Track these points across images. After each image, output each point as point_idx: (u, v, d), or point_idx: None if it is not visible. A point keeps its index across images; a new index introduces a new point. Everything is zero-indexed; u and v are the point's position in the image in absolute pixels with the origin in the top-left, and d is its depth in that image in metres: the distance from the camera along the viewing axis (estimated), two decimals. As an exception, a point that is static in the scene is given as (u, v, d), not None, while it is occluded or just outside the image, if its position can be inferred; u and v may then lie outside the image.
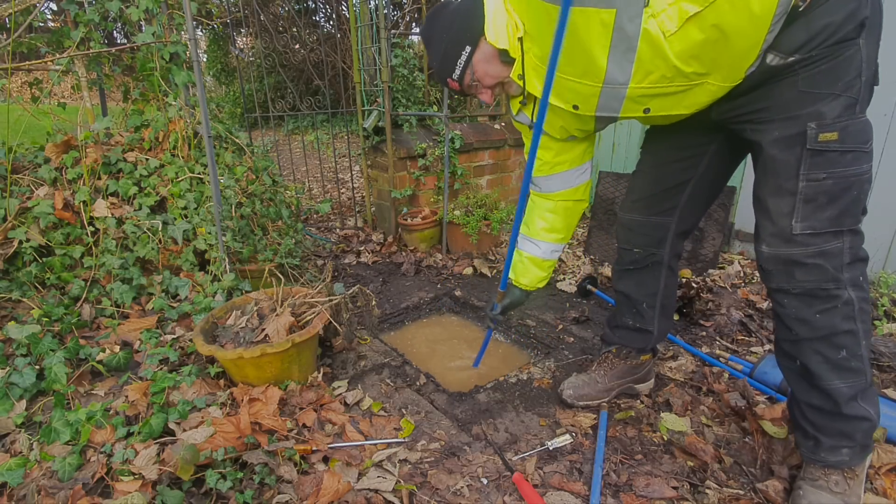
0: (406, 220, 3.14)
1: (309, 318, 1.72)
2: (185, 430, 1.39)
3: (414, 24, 6.96)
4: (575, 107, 1.16)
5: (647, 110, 1.13)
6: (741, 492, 1.24)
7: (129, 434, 1.38)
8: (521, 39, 1.10)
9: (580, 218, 1.56)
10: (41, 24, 2.36)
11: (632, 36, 0.96)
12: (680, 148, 1.34)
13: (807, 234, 1.05)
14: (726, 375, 1.73)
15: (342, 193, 4.72)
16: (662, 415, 1.53)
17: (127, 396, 1.53)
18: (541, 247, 1.53)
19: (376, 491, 1.25)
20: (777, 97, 1.03)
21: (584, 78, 1.07)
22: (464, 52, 1.16)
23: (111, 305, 2.02)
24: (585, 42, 0.99)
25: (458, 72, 1.18)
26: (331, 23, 7.98)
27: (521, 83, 1.18)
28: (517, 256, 1.57)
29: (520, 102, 1.30)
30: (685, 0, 0.91)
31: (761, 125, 1.08)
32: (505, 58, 1.15)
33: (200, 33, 8.57)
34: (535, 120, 1.26)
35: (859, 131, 1.00)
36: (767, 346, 1.94)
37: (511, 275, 1.60)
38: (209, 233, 2.11)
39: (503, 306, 1.62)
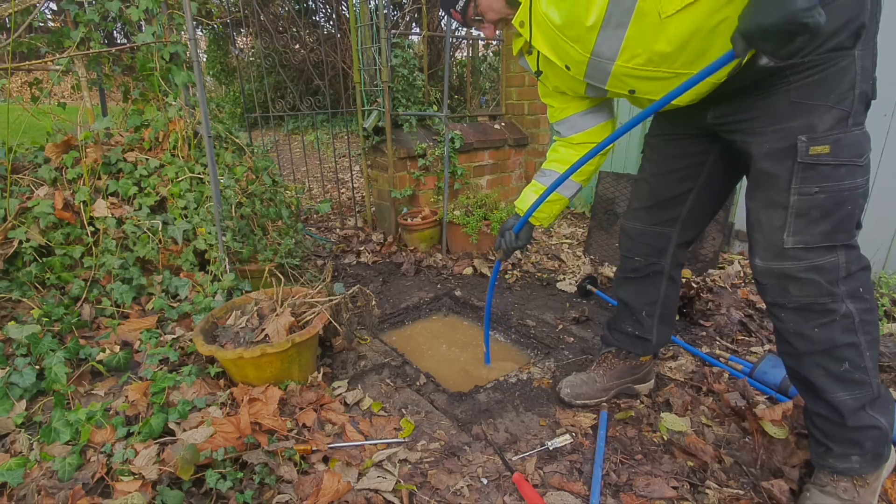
0: (406, 220, 3.14)
1: (309, 318, 1.72)
2: (185, 430, 1.39)
3: (414, 24, 6.96)
4: (567, 67, 1.16)
5: (632, 91, 1.13)
6: (741, 492, 1.24)
7: (129, 434, 1.38)
8: None
9: (598, 167, 1.48)
10: (41, 24, 2.36)
11: (626, 11, 0.97)
12: (679, 157, 1.32)
13: (799, 249, 1.03)
14: (726, 375, 1.73)
15: (342, 193, 4.72)
16: (662, 415, 1.53)
17: (127, 396, 1.53)
18: (549, 177, 1.47)
19: (376, 491, 1.25)
20: (769, 107, 1.02)
21: (576, 44, 1.08)
22: None
23: (111, 305, 2.02)
24: (582, 8, 1.00)
25: (461, 3, 1.19)
26: (331, 23, 7.98)
27: (524, 32, 1.17)
28: (527, 188, 1.53)
29: (523, 50, 1.29)
30: None
31: (753, 136, 1.07)
32: (511, 1, 1.16)
33: (200, 33, 8.57)
34: (536, 69, 1.26)
35: (853, 144, 0.98)
36: (767, 346, 1.94)
37: (517, 203, 1.55)
38: (209, 233, 2.11)
39: (502, 230, 1.55)
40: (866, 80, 0.97)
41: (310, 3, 7.80)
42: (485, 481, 1.29)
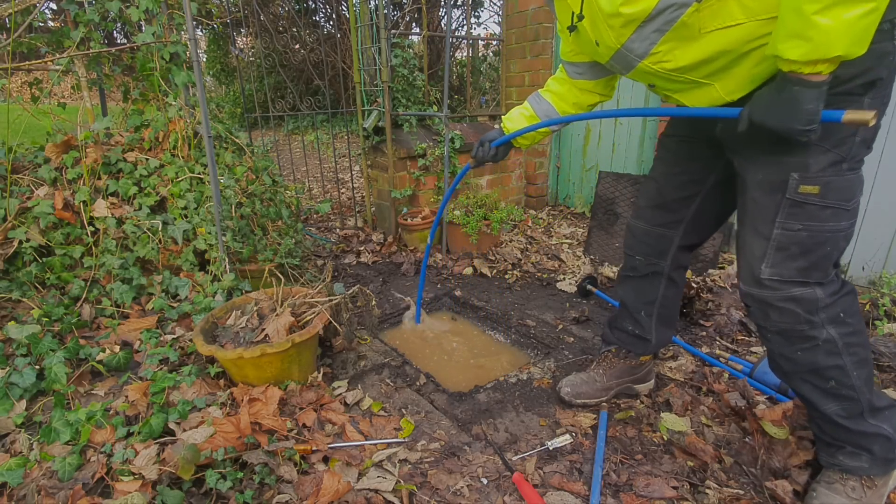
0: (406, 220, 3.14)
1: (309, 318, 1.72)
2: (185, 430, 1.39)
3: (414, 24, 6.96)
4: (597, 42, 1.14)
5: (651, 86, 1.17)
6: (741, 492, 1.24)
7: (129, 434, 1.38)
8: None
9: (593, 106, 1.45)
10: (41, 24, 2.36)
11: (669, 20, 0.96)
12: (689, 159, 1.33)
13: (775, 280, 1.06)
14: (726, 375, 1.73)
15: (342, 193, 4.72)
16: (662, 415, 1.53)
17: (127, 396, 1.53)
18: (542, 105, 1.46)
19: (376, 491, 1.25)
20: (771, 137, 1.00)
21: (611, 31, 1.05)
22: None
23: (111, 305, 2.02)
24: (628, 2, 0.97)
25: None
26: (331, 23, 7.98)
27: (573, 3, 1.11)
28: (518, 108, 1.51)
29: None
30: (736, 5, 0.91)
31: (749, 162, 1.09)
32: None
33: (200, 33, 8.57)
34: (570, 24, 1.17)
35: (843, 188, 0.99)
36: (767, 346, 1.94)
37: (505, 118, 1.54)
38: (209, 233, 2.11)
39: (483, 140, 1.55)
40: (872, 128, 0.97)
41: (310, 3, 7.80)
42: (485, 481, 1.29)
